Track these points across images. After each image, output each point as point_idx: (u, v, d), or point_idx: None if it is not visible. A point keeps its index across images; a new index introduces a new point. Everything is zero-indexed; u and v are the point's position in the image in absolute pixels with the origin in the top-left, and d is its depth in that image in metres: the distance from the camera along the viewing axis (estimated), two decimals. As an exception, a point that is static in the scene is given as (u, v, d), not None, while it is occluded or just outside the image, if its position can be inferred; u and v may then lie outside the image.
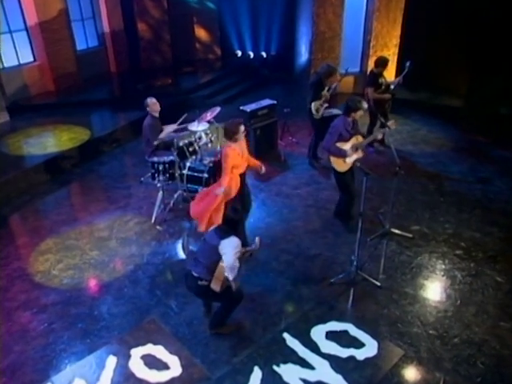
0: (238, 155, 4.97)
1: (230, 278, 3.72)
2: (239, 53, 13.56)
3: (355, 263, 4.88)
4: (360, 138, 5.37)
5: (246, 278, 4.78)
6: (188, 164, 6.38)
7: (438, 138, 8.64)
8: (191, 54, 13.17)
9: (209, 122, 6.77)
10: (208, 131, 6.72)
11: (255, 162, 5.33)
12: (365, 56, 10.93)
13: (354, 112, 5.27)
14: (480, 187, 6.79)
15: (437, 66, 9.95)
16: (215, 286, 3.81)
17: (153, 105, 6.36)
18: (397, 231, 5.64)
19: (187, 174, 6.33)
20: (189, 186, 6.40)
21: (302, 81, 11.47)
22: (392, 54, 10.88)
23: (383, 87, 7.44)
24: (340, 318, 4.45)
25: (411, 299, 4.71)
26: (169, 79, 11.83)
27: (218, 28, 13.25)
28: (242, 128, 4.97)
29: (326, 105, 7.11)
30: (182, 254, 5.56)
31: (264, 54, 13.31)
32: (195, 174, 6.32)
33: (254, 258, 5.13)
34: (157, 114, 6.45)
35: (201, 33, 13.16)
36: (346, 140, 5.32)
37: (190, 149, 6.37)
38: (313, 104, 7.04)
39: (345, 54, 10.87)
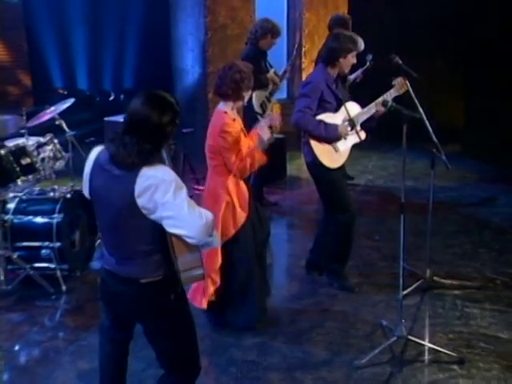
0: (240, 132, 4.59)
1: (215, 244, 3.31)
2: (64, 92, 12.81)
3: (403, 329, 4.71)
4: (357, 107, 5.33)
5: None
6: (15, 201, 5.74)
7: (448, 171, 9.19)
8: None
9: (53, 120, 6.54)
10: (55, 139, 6.30)
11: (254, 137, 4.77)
12: (294, 69, 10.98)
13: (344, 56, 5.09)
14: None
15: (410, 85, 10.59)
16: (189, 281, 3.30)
17: None
18: (447, 281, 5.81)
19: (13, 222, 5.66)
20: (17, 245, 5.70)
21: (194, 116, 11.16)
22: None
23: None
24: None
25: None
26: None
27: (24, 37, 12.27)
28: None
29: (274, 99, 7.26)
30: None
31: (112, 95, 13.22)
32: (30, 218, 5.72)
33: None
34: None
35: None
36: (333, 110, 5.23)
37: (23, 162, 5.68)
38: (254, 96, 6.75)
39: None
